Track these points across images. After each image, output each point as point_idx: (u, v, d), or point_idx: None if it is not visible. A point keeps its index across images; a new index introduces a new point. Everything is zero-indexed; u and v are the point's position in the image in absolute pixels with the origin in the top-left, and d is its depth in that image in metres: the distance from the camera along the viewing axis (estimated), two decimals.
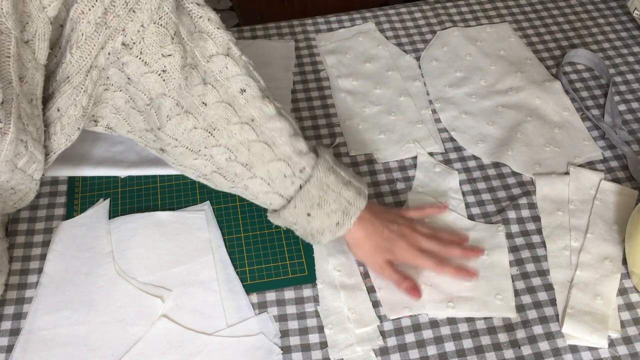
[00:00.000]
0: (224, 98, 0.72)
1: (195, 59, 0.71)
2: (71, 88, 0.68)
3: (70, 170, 0.87)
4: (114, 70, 0.69)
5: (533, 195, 0.85)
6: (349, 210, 0.75)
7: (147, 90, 0.70)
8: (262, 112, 0.73)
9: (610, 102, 0.95)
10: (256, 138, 0.73)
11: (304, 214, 0.74)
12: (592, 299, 0.75)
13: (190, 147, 0.74)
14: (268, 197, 0.76)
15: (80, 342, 0.72)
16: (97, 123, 0.74)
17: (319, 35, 1.07)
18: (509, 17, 1.10)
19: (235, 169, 0.74)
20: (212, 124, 0.72)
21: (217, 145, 0.73)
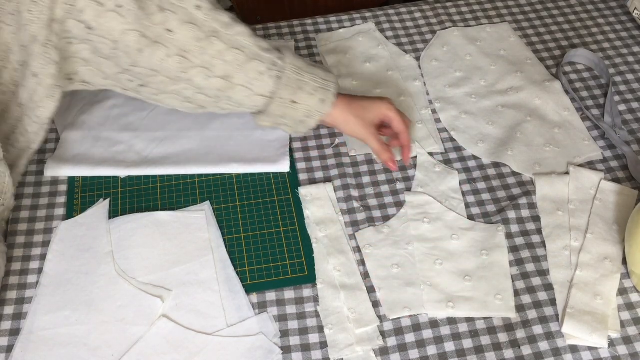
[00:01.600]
0: (184, 19, 0.74)
1: None
2: (40, 46, 0.70)
3: (70, 170, 0.87)
4: (73, 22, 0.71)
5: (533, 195, 0.85)
6: (327, 85, 0.81)
7: (108, 33, 0.72)
8: (221, 22, 0.76)
9: (610, 102, 0.95)
10: (225, 47, 0.76)
11: (289, 102, 0.79)
12: (592, 299, 0.75)
13: (168, 75, 0.76)
14: (252, 101, 0.79)
15: (80, 342, 0.72)
16: (72, 81, 0.77)
17: (319, 35, 1.07)
18: (509, 17, 1.10)
19: (215, 84, 0.77)
20: (182, 47, 0.75)
21: (193, 67, 0.76)
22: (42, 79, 0.71)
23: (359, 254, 0.80)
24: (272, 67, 0.78)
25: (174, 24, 0.74)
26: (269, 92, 0.79)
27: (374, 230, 0.82)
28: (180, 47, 0.75)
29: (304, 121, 0.81)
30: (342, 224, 0.83)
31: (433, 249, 0.80)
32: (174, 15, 0.74)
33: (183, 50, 0.75)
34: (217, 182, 0.87)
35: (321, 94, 0.80)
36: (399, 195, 0.86)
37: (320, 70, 0.82)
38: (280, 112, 0.80)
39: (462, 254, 0.80)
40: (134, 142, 0.90)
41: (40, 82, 0.71)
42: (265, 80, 0.78)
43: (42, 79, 0.71)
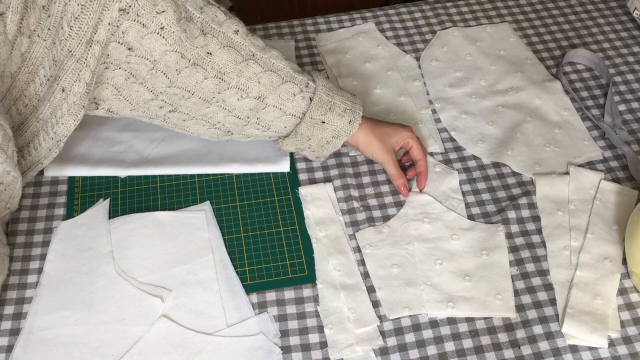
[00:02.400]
0: (224, 43, 0.77)
1: (189, 12, 0.75)
2: (74, 62, 0.70)
3: (70, 170, 0.87)
4: (114, 44, 0.72)
5: (533, 195, 0.85)
6: (355, 107, 0.83)
7: (149, 54, 0.73)
8: (258, 46, 0.79)
9: (610, 102, 0.95)
10: (261, 69, 0.79)
11: (319, 123, 0.82)
12: (592, 299, 0.75)
13: (203, 96, 0.78)
14: (282, 121, 0.82)
15: (80, 342, 0.72)
16: (98, 106, 0.77)
17: (319, 35, 1.07)
18: (509, 17, 1.10)
19: (248, 105, 0.80)
20: (220, 69, 0.77)
21: (229, 88, 0.78)
22: (70, 95, 0.72)
23: (359, 254, 0.80)
24: (304, 88, 0.81)
25: (214, 47, 0.76)
26: (300, 113, 0.81)
27: (374, 230, 0.82)
28: (219, 69, 0.77)
29: (330, 142, 0.83)
30: (342, 224, 0.83)
31: (433, 249, 0.80)
32: (214, 39, 0.76)
33: (221, 72, 0.77)
34: (217, 182, 0.87)
35: (350, 115, 0.82)
36: (399, 195, 0.86)
37: (347, 93, 0.84)
38: (308, 133, 0.82)
39: (462, 254, 0.80)
40: (134, 142, 0.90)
41: (66, 97, 0.72)
42: (297, 101, 0.81)
43: (69, 95, 0.72)
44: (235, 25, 0.78)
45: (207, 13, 0.77)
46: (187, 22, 0.74)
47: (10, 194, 0.74)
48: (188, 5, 0.75)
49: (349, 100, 0.83)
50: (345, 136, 0.83)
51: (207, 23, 0.76)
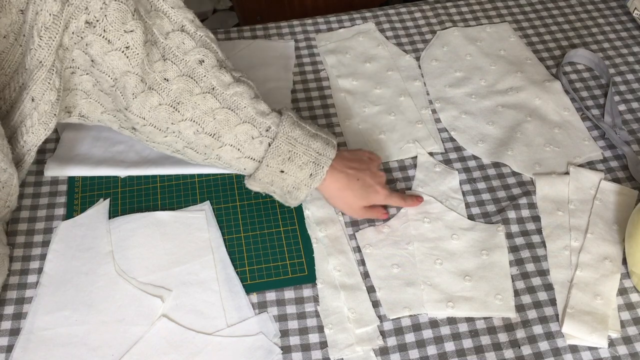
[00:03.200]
0: (184, 71, 0.74)
1: (154, 36, 0.73)
2: (45, 72, 0.69)
3: (70, 170, 0.87)
4: (78, 52, 0.70)
5: (533, 195, 0.85)
6: (320, 160, 0.78)
7: (111, 70, 0.72)
8: (221, 81, 0.76)
9: (610, 102, 0.95)
10: (219, 105, 0.75)
11: (277, 172, 0.77)
12: (592, 299, 0.75)
13: (157, 125, 0.75)
14: (240, 163, 0.78)
15: (80, 342, 0.72)
16: (70, 114, 0.76)
17: (319, 35, 1.07)
18: (509, 17, 1.10)
19: (204, 141, 0.76)
20: (175, 98, 0.74)
21: (183, 120, 0.75)
22: (40, 104, 0.70)
23: (359, 254, 0.80)
24: (264, 132, 0.76)
25: (172, 74, 0.74)
26: (259, 157, 0.77)
27: (374, 230, 0.82)
28: (173, 98, 0.74)
29: (292, 192, 0.79)
30: (342, 224, 0.83)
31: (433, 249, 0.80)
32: (173, 66, 0.74)
33: (175, 101, 0.74)
34: (217, 182, 0.87)
35: (311, 169, 0.77)
36: None
37: (319, 142, 0.78)
38: (268, 180, 0.78)
39: (462, 253, 0.80)
40: (134, 142, 0.90)
41: (36, 107, 0.70)
42: (255, 144, 0.77)
43: (39, 104, 0.70)
44: (202, 55, 0.75)
45: (173, 39, 0.74)
46: (150, 46, 0.73)
47: (8, 191, 0.73)
48: (155, 29, 0.74)
49: (315, 151, 0.77)
50: (306, 189, 0.78)
51: (170, 49, 0.74)
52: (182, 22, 0.76)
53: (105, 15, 0.69)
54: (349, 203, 0.80)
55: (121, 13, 0.70)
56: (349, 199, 0.80)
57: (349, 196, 0.80)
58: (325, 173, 0.78)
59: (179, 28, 0.75)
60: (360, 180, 0.80)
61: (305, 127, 0.79)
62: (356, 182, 0.80)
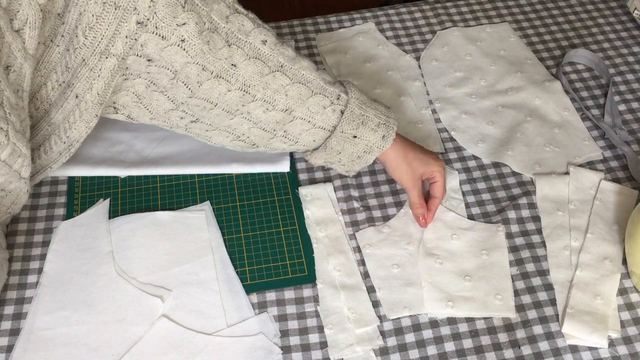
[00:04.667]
0: (250, 54, 0.74)
1: (214, 23, 0.72)
2: (88, 71, 0.69)
3: (70, 170, 0.87)
4: (133, 57, 0.70)
5: (533, 195, 0.85)
6: (389, 122, 0.80)
7: (170, 64, 0.71)
8: (287, 57, 0.76)
9: (610, 102, 0.95)
10: (290, 82, 0.76)
11: (351, 137, 0.78)
12: (592, 299, 0.75)
13: (226, 108, 0.76)
14: (310, 135, 0.79)
15: (80, 342, 0.72)
16: (117, 111, 0.76)
17: (319, 35, 1.07)
18: (509, 17, 1.10)
19: (274, 117, 0.77)
20: (245, 82, 0.74)
21: (254, 101, 0.75)
22: (82, 102, 0.71)
23: (359, 254, 0.80)
24: (336, 100, 0.78)
25: (239, 58, 0.74)
26: (331, 126, 0.78)
27: (374, 230, 0.82)
28: (243, 81, 0.74)
29: (362, 157, 0.80)
30: (342, 224, 0.83)
31: (433, 249, 0.80)
32: (240, 50, 0.74)
33: (245, 85, 0.74)
34: (217, 182, 0.87)
35: (383, 130, 0.79)
36: (399, 195, 0.86)
37: (382, 106, 0.81)
38: (339, 147, 0.79)
39: (462, 253, 0.80)
40: (134, 142, 0.90)
41: (79, 104, 0.71)
42: (328, 114, 0.78)
43: (82, 102, 0.71)
44: (263, 34, 0.75)
45: (234, 22, 0.74)
46: (210, 34, 0.72)
47: (13, 199, 0.74)
48: (213, 14, 0.72)
49: (383, 114, 0.80)
50: (378, 152, 0.80)
51: (232, 33, 0.73)
52: (234, 3, 0.75)
53: (155, 13, 0.69)
54: (412, 166, 0.80)
55: (170, 8, 0.69)
56: (413, 161, 0.80)
57: (411, 158, 0.80)
58: (395, 134, 0.80)
59: (235, 10, 0.75)
60: (418, 147, 0.83)
61: (366, 94, 0.81)
62: (418, 148, 0.82)
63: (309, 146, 0.81)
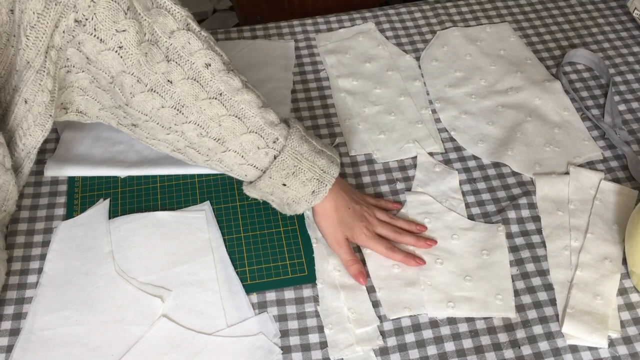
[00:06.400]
0: (189, 74, 0.72)
1: (155, 35, 0.70)
2: (34, 73, 0.68)
3: (70, 170, 0.87)
4: (73, 50, 0.69)
5: (533, 195, 0.85)
6: (324, 178, 0.77)
7: (106, 69, 0.70)
8: (229, 86, 0.73)
9: (610, 102, 0.95)
10: (226, 112, 0.73)
11: (280, 184, 0.76)
12: (592, 299, 0.75)
13: (160, 123, 0.74)
14: (243, 169, 0.77)
15: (80, 342, 0.72)
16: (67, 110, 0.75)
17: (319, 35, 1.07)
18: (509, 17, 1.10)
19: (207, 144, 0.75)
20: (179, 101, 0.72)
21: (187, 122, 0.73)
22: (33, 106, 0.69)
23: (359, 254, 0.80)
24: (271, 144, 0.75)
25: (176, 76, 0.71)
26: (262, 167, 0.76)
27: None
28: (178, 100, 0.72)
29: (291, 205, 0.78)
30: None
31: (433, 249, 0.80)
32: (178, 67, 0.71)
33: (179, 104, 0.72)
34: (217, 182, 0.87)
35: (315, 185, 0.76)
36: (399, 195, 0.86)
37: (324, 159, 0.77)
38: (269, 190, 0.77)
39: (462, 254, 0.80)
40: (134, 142, 0.90)
41: (30, 109, 0.69)
42: (260, 155, 0.75)
43: (32, 106, 0.69)
44: (209, 57, 0.72)
45: (178, 39, 0.71)
46: (150, 45, 0.70)
47: (4, 195, 0.73)
48: (156, 27, 0.70)
49: (320, 168, 0.76)
50: (307, 205, 0.77)
51: (174, 49, 0.71)
52: (187, 20, 0.73)
53: (95, 14, 0.67)
54: (333, 226, 0.78)
55: (111, 11, 0.67)
56: (335, 221, 0.78)
57: (336, 219, 0.78)
58: (327, 192, 0.77)
59: (184, 27, 0.72)
60: (352, 209, 0.79)
61: (312, 142, 0.78)
62: (349, 208, 0.79)
63: (242, 178, 0.79)
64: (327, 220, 0.78)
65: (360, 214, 0.79)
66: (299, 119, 0.95)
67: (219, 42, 1.04)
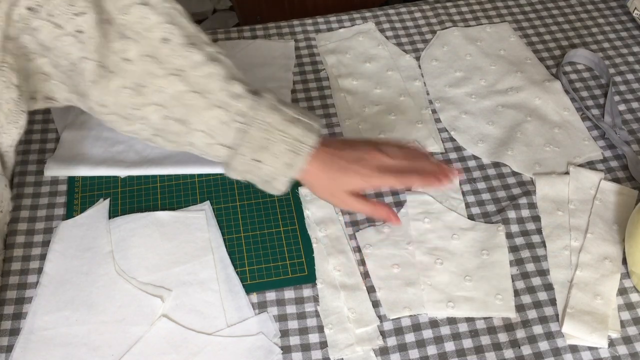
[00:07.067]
0: (146, 51, 0.67)
1: (108, 13, 0.66)
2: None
3: (70, 170, 0.87)
4: (28, 37, 0.65)
5: (533, 195, 0.85)
6: (299, 148, 0.70)
7: (66, 56, 0.66)
8: (190, 60, 0.68)
9: (610, 102, 0.96)
10: (186, 89, 0.68)
11: (253, 161, 0.70)
12: (592, 299, 0.75)
13: (120, 112, 0.69)
14: (213, 150, 0.71)
15: (80, 342, 0.72)
16: (36, 100, 0.71)
17: (319, 35, 1.07)
18: (509, 17, 1.10)
19: (172, 128, 0.70)
20: (138, 80, 0.67)
21: (148, 104, 0.68)
22: (2, 104, 0.66)
23: (359, 253, 0.80)
24: (237, 117, 0.68)
25: (132, 54, 0.66)
26: (231, 144, 0.70)
27: (374, 230, 0.82)
28: (136, 80, 0.67)
29: (270, 182, 0.72)
30: (342, 223, 0.83)
31: (433, 249, 0.80)
32: (135, 44, 0.66)
33: (138, 84, 0.67)
34: (217, 182, 0.87)
35: (288, 157, 0.69)
36: (399, 195, 0.86)
37: (299, 128, 0.70)
38: (244, 168, 0.71)
39: (462, 253, 0.80)
40: (134, 141, 0.90)
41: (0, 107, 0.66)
42: (226, 131, 0.69)
43: (2, 104, 0.66)
44: (168, 32, 0.67)
45: (133, 14, 0.66)
46: (105, 25, 0.65)
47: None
48: (108, 4, 0.65)
49: (294, 138, 0.69)
50: (285, 180, 0.71)
51: (130, 25, 0.66)
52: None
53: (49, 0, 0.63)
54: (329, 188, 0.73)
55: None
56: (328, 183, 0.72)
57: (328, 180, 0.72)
58: (305, 162, 0.70)
59: (140, 1, 0.67)
60: (344, 161, 0.72)
61: (285, 110, 0.70)
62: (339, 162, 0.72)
63: (217, 160, 0.73)
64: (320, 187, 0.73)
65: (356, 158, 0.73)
66: None
67: (218, 42, 1.05)
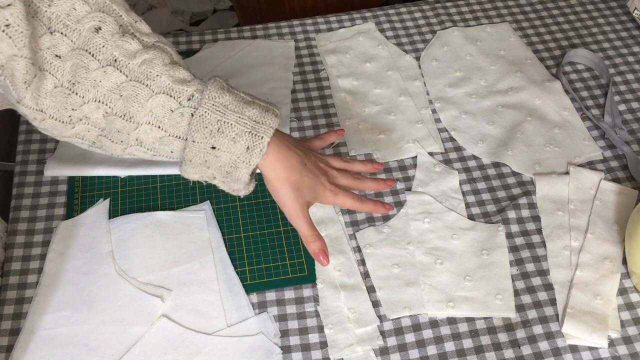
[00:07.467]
0: (77, 44, 0.61)
1: (33, 6, 0.60)
2: None
3: (70, 170, 0.87)
4: None
5: (533, 195, 0.85)
6: (258, 129, 0.64)
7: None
8: (125, 50, 0.63)
9: (610, 102, 0.96)
10: (125, 79, 0.63)
11: (208, 148, 0.64)
12: (592, 299, 0.75)
13: (57, 116, 0.63)
14: (165, 144, 0.66)
15: (80, 342, 0.72)
16: None
17: (319, 35, 1.07)
18: (509, 17, 1.10)
19: (116, 125, 0.64)
20: (71, 78, 0.62)
21: (86, 102, 0.63)
22: None
23: (359, 253, 0.80)
24: (185, 102, 0.63)
25: (63, 49, 0.61)
26: (183, 134, 0.64)
27: (374, 230, 0.82)
28: (69, 78, 0.62)
29: (231, 173, 0.66)
30: (342, 223, 0.83)
31: (433, 249, 0.80)
32: (64, 38, 0.61)
33: (71, 82, 0.62)
34: None
35: (247, 140, 0.64)
36: (399, 195, 0.86)
37: (255, 109, 0.65)
38: (200, 160, 0.65)
39: (462, 253, 0.80)
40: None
41: None
42: (176, 118, 0.64)
43: None
44: (99, 20, 0.62)
45: (60, 6, 0.61)
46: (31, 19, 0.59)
47: None
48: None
49: (251, 119, 0.64)
50: (246, 167, 0.65)
51: (57, 18, 0.61)
52: None
53: None
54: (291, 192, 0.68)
55: None
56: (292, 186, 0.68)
57: (292, 183, 0.67)
58: (266, 145, 0.65)
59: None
60: (307, 166, 0.68)
61: (238, 93, 0.66)
62: (303, 166, 0.67)
63: (170, 157, 0.68)
64: (283, 188, 0.68)
65: (317, 167, 0.69)
66: (299, 119, 0.95)
67: (218, 42, 1.05)
